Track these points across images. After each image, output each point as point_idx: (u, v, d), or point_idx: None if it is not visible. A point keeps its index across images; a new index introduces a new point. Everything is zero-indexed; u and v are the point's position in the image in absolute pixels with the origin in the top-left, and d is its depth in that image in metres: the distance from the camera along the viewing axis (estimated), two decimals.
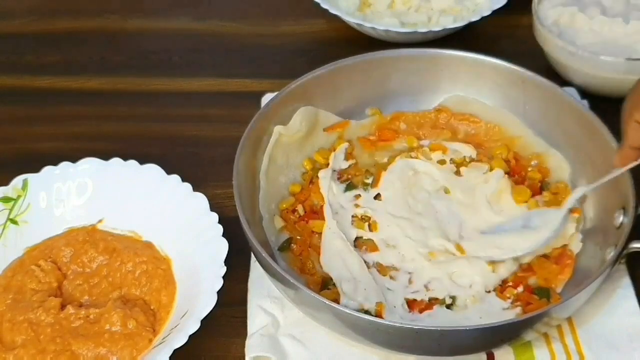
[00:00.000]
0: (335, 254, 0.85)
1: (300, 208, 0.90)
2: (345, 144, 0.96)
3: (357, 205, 0.90)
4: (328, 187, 0.91)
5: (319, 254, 0.86)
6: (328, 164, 0.94)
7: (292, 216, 0.90)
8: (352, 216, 0.90)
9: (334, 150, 0.95)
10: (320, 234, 0.87)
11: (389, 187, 0.91)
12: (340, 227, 0.87)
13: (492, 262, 0.84)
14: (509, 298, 0.82)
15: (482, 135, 0.98)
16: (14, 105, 1.12)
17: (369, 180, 0.93)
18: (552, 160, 0.93)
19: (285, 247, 0.87)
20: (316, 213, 0.90)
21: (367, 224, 0.89)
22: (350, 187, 0.92)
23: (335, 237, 0.86)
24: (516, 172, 0.93)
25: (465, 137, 0.98)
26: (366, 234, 0.88)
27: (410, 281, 0.84)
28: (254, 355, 0.81)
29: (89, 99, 1.12)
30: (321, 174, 0.92)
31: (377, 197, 0.91)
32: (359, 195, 0.91)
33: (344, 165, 0.95)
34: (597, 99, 1.02)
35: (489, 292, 0.83)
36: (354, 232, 0.88)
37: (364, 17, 1.17)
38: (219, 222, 0.87)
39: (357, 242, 0.87)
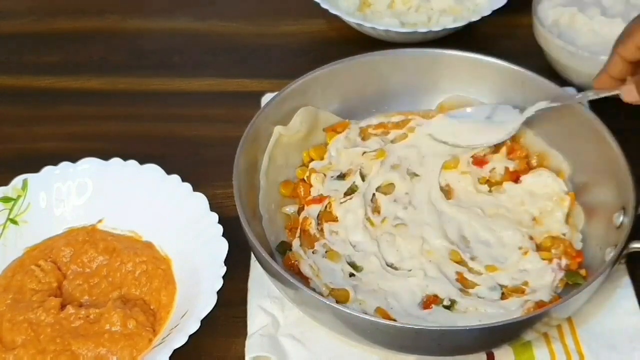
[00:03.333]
0: None
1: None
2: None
3: None
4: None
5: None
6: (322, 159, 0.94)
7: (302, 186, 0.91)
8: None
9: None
10: None
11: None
12: None
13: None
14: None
15: None
16: (14, 105, 1.12)
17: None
18: (552, 160, 0.93)
19: (280, 251, 0.87)
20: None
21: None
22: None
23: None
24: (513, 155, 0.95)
25: None
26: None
27: None
28: (254, 355, 0.81)
29: (89, 99, 1.12)
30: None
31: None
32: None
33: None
34: (597, 99, 1.02)
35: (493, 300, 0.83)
36: None
37: (364, 17, 1.17)
38: (219, 222, 0.86)
39: None
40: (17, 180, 0.91)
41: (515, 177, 0.92)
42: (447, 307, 0.81)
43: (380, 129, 0.98)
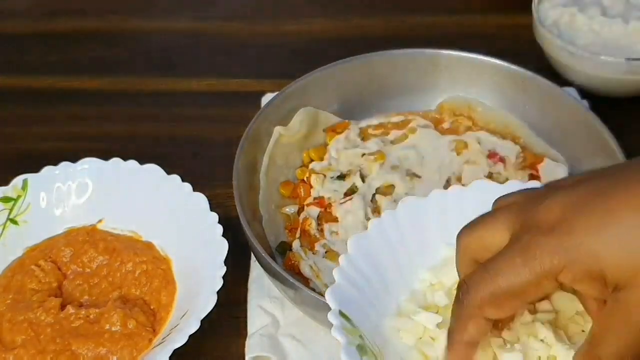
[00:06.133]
0: None
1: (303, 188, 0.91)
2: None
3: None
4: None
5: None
6: (322, 159, 0.94)
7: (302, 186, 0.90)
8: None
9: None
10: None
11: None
12: None
13: None
14: None
15: None
16: (14, 105, 1.12)
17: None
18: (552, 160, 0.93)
19: (280, 252, 0.87)
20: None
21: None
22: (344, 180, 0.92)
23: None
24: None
25: None
26: None
27: None
28: (254, 355, 0.81)
29: (89, 99, 1.12)
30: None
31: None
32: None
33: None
34: (597, 99, 1.02)
35: None
36: None
37: None
38: (219, 222, 0.86)
39: None
40: (17, 180, 0.91)
41: (531, 163, 0.93)
42: None
43: (380, 129, 0.98)
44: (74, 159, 0.93)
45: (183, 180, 0.91)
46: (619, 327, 0.54)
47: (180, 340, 0.77)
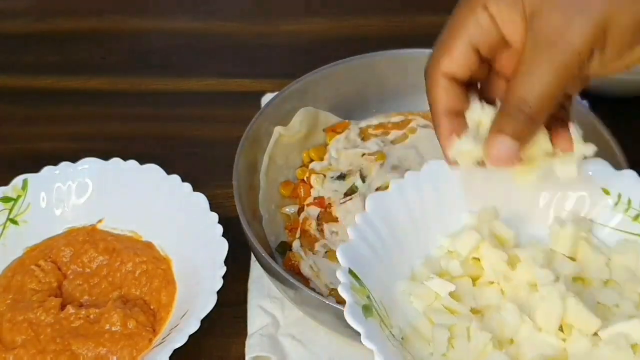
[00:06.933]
0: None
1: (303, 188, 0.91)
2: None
3: None
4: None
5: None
6: (322, 159, 0.94)
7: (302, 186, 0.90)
8: None
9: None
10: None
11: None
12: None
13: None
14: None
15: None
16: (14, 105, 1.12)
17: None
18: None
19: (280, 252, 0.87)
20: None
21: None
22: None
23: None
24: None
25: None
26: None
27: None
28: (254, 355, 0.81)
29: (89, 99, 1.12)
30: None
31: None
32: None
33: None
34: (597, 99, 1.02)
35: None
36: None
37: None
38: (219, 222, 0.86)
39: None
40: (17, 180, 0.91)
41: None
42: None
43: (380, 129, 0.98)
44: (74, 159, 0.93)
45: (183, 180, 0.91)
46: (541, 53, 0.55)
47: (180, 340, 0.77)
